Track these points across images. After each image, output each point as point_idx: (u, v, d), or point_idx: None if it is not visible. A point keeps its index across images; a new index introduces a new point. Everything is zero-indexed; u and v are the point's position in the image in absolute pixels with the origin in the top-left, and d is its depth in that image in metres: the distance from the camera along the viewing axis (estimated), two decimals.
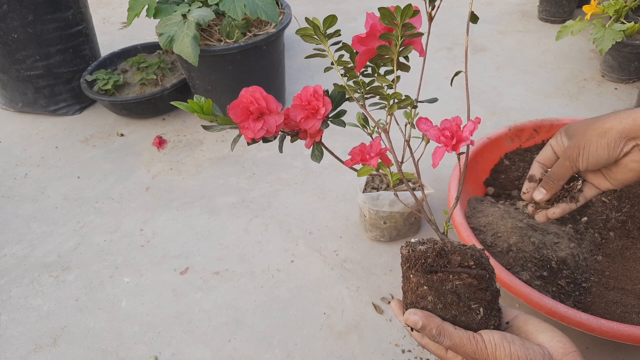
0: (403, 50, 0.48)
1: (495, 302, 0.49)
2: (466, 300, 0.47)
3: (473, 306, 0.47)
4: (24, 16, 1.26)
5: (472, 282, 0.47)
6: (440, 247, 0.48)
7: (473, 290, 0.47)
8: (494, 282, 0.49)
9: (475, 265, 0.47)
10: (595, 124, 0.53)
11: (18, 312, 0.89)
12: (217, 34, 1.20)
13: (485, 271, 0.48)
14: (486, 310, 0.48)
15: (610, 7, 1.32)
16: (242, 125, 0.53)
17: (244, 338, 0.81)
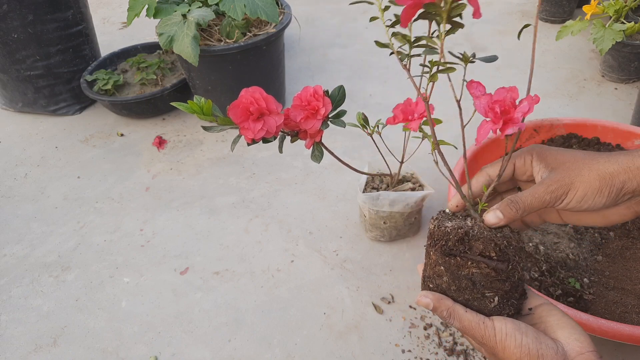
0: (455, 7, 0.41)
1: (515, 291, 0.47)
2: (481, 287, 0.46)
3: (487, 294, 0.47)
4: (24, 16, 1.26)
5: (490, 273, 0.46)
6: (464, 232, 0.46)
7: (490, 280, 0.46)
8: (517, 272, 0.46)
9: (497, 257, 0.46)
10: (593, 163, 0.45)
11: (18, 312, 0.89)
12: (217, 34, 1.20)
13: (508, 263, 0.45)
14: (502, 299, 0.47)
15: (610, 7, 1.31)
16: (242, 126, 0.53)
17: (244, 338, 0.81)
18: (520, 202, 0.46)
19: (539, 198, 0.46)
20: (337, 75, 1.50)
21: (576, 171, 0.45)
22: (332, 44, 1.67)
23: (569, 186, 0.45)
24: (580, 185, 0.45)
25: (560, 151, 0.48)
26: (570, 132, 1.01)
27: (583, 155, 0.46)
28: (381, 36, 1.70)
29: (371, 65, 1.54)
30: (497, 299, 0.47)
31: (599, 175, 0.44)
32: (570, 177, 0.45)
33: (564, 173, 0.46)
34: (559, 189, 0.45)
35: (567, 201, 0.46)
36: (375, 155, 0.89)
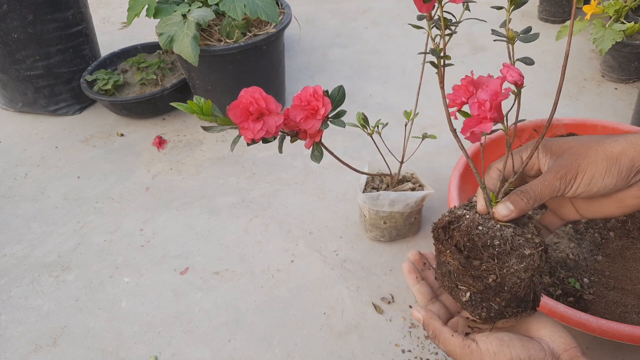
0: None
1: (496, 295, 0.45)
2: (454, 278, 0.46)
3: (460, 287, 0.46)
4: (24, 16, 1.26)
5: (459, 266, 0.45)
6: (447, 221, 0.46)
7: (460, 273, 0.45)
8: (494, 275, 0.44)
9: (468, 252, 0.44)
10: (600, 145, 0.44)
11: (18, 312, 0.89)
12: (217, 34, 1.20)
13: (480, 261, 0.44)
14: (474, 296, 0.45)
15: (610, 7, 1.31)
16: (242, 126, 0.53)
17: (244, 338, 0.81)
18: (530, 192, 0.44)
19: (548, 185, 0.44)
20: (337, 75, 1.50)
21: (582, 155, 0.44)
22: (332, 44, 1.67)
23: (577, 170, 0.44)
24: (587, 167, 0.43)
25: (564, 139, 0.47)
26: (570, 132, 1.01)
27: (589, 139, 0.45)
28: (381, 36, 1.70)
29: (371, 65, 1.54)
30: (468, 294, 0.46)
31: (605, 156, 0.43)
32: (577, 160, 0.44)
33: (570, 158, 0.44)
34: (567, 174, 0.44)
35: (577, 185, 0.44)
36: (375, 155, 0.89)
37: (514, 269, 0.43)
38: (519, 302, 0.45)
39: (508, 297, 0.44)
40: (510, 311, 0.46)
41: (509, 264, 0.43)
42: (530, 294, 0.45)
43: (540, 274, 0.45)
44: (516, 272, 0.44)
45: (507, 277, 0.44)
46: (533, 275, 0.44)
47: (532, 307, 0.46)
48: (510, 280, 0.44)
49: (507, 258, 0.43)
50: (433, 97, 1.34)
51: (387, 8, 1.89)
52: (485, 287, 0.45)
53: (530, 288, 0.45)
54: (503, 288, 0.44)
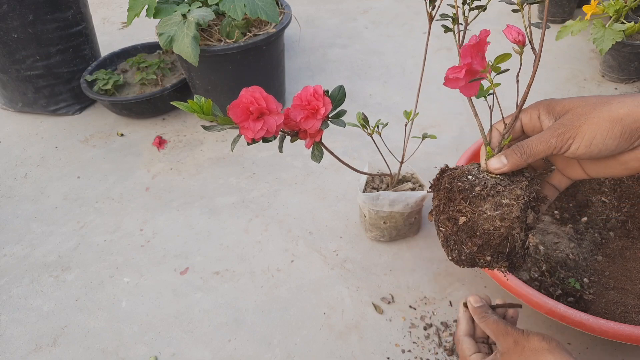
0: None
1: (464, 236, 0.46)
2: (436, 220, 0.50)
3: (440, 228, 0.49)
4: (24, 16, 1.26)
5: (437, 207, 0.48)
6: (444, 169, 0.50)
7: (439, 213, 0.48)
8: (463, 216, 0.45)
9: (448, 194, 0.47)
10: (604, 105, 0.42)
11: (18, 312, 0.89)
12: (217, 34, 1.20)
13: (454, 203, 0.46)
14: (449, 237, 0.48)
15: (610, 7, 1.31)
16: (242, 126, 0.53)
17: (244, 338, 0.81)
18: (525, 147, 0.44)
19: (545, 142, 0.43)
20: (337, 75, 1.50)
21: (585, 115, 0.42)
22: (332, 44, 1.67)
23: (577, 129, 0.42)
24: (588, 128, 0.42)
25: (569, 99, 0.45)
26: None
27: (595, 99, 0.43)
28: (381, 36, 1.70)
29: (371, 65, 1.54)
30: (442, 235, 0.49)
31: (609, 117, 0.41)
32: (579, 120, 0.42)
33: (572, 117, 0.43)
34: (566, 133, 0.42)
35: (576, 146, 0.43)
36: (375, 155, 0.89)
37: (486, 214, 0.44)
38: (492, 252, 0.45)
39: (479, 242, 0.45)
40: (483, 259, 0.46)
41: (482, 209, 0.44)
42: (507, 247, 0.45)
43: (522, 229, 0.45)
44: (489, 219, 0.44)
45: (479, 221, 0.44)
46: (511, 227, 0.44)
47: (507, 262, 0.46)
48: (482, 226, 0.44)
49: (482, 203, 0.44)
50: (433, 98, 1.34)
51: (387, 8, 1.90)
52: (458, 229, 0.46)
53: (507, 240, 0.44)
54: (475, 232, 0.45)
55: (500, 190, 0.44)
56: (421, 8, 1.81)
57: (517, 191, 0.44)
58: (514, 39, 0.44)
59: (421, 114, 1.15)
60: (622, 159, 0.45)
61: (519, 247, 0.46)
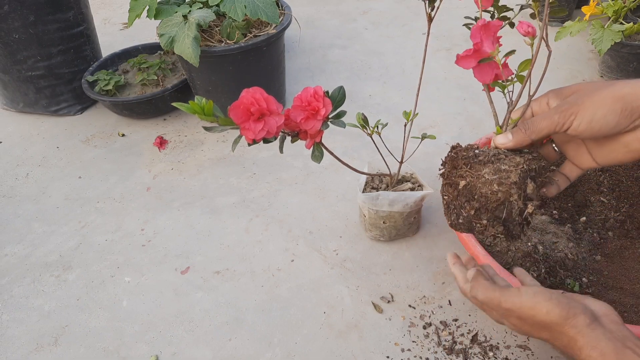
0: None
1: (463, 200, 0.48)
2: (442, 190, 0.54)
3: (444, 196, 0.52)
4: (25, 17, 1.27)
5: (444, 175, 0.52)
6: (455, 145, 0.52)
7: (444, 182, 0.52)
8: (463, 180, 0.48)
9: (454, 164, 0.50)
10: (609, 86, 0.44)
11: (19, 311, 0.89)
12: (218, 34, 1.20)
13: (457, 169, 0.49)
14: (450, 203, 0.51)
15: (609, 7, 1.32)
16: (243, 126, 0.53)
17: (245, 337, 0.81)
18: (530, 123, 0.46)
19: (548, 118, 0.45)
20: (337, 75, 1.51)
21: (589, 94, 0.44)
22: (332, 44, 1.68)
23: (579, 106, 0.44)
24: (591, 105, 0.43)
25: (577, 83, 0.47)
26: None
27: (602, 83, 0.45)
28: (380, 37, 1.70)
29: (371, 66, 1.54)
30: (444, 201, 0.51)
31: (612, 95, 0.43)
32: (582, 98, 0.44)
33: (577, 97, 0.45)
34: (569, 109, 0.44)
35: (578, 122, 0.44)
36: (375, 156, 0.89)
37: (485, 178, 0.46)
38: (489, 216, 0.47)
39: (477, 206, 0.47)
40: (479, 222, 0.47)
41: (481, 172, 0.46)
42: (503, 212, 0.46)
43: (520, 196, 0.46)
44: (487, 182, 0.46)
45: (477, 185, 0.46)
46: (509, 193, 0.45)
47: (503, 227, 0.47)
48: (480, 189, 0.46)
49: (482, 168, 0.46)
50: (432, 98, 1.35)
51: (386, 9, 1.90)
52: (458, 193, 0.48)
53: (504, 205, 0.46)
54: (473, 196, 0.47)
55: (502, 158, 0.46)
56: (420, 9, 1.82)
57: (517, 159, 0.46)
58: (525, 32, 0.47)
59: (421, 115, 1.15)
60: (623, 140, 0.46)
61: (516, 214, 0.47)
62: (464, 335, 0.78)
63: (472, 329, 0.79)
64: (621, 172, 0.94)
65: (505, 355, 0.75)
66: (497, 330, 0.79)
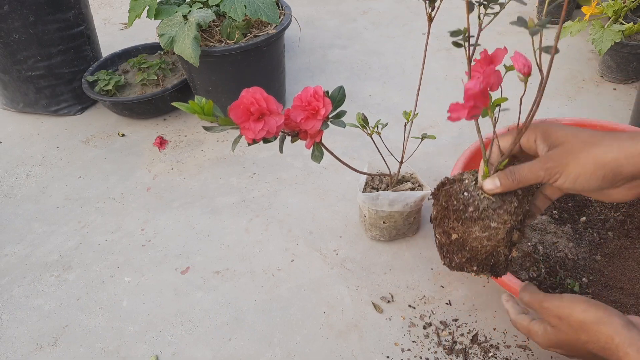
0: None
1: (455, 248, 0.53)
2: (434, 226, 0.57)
3: (436, 234, 0.56)
4: (25, 17, 1.27)
5: (435, 218, 0.55)
6: (444, 182, 0.55)
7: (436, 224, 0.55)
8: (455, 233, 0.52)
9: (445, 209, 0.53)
10: (592, 147, 0.45)
11: (19, 311, 0.89)
12: (218, 34, 1.20)
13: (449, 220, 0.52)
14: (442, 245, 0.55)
15: (609, 7, 1.32)
16: (243, 126, 0.53)
17: (245, 337, 0.81)
18: (517, 173, 0.48)
19: (534, 172, 0.47)
20: (336, 75, 1.51)
21: (574, 154, 0.45)
22: (332, 44, 1.68)
23: (564, 167, 0.45)
24: (574, 167, 0.45)
25: (563, 130, 0.48)
26: None
27: (586, 136, 0.46)
28: (380, 37, 1.71)
29: (371, 66, 1.54)
30: (436, 242, 0.56)
31: (595, 161, 0.44)
32: (567, 158, 0.45)
33: (562, 153, 0.46)
34: (554, 168, 0.46)
35: (562, 181, 0.46)
36: (375, 156, 0.89)
37: (475, 235, 0.50)
38: (478, 264, 0.52)
39: (468, 255, 0.52)
40: (469, 268, 0.53)
41: (472, 229, 0.50)
42: (491, 260, 0.52)
43: (506, 246, 0.51)
44: (478, 238, 0.50)
45: (469, 239, 0.51)
46: (497, 246, 0.50)
47: (491, 272, 0.53)
48: (471, 243, 0.51)
49: (472, 224, 0.50)
50: (432, 98, 1.35)
51: (386, 9, 1.90)
52: (451, 242, 0.53)
53: (492, 255, 0.51)
54: (464, 247, 0.52)
55: (490, 215, 0.49)
56: (421, 9, 1.82)
57: (505, 216, 0.49)
58: (520, 69, 0.46)
59: (421, 115, 1.15)
60: (606, 192, 0.48)
61: (502, 261, 0.52)
62: (464, 335, 0.78)
63: (472, 329, 0.79)
64: None
65: (505, 355, 0.75)
66: (497, 330, 0.79)
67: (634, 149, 0.44)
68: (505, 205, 0.49)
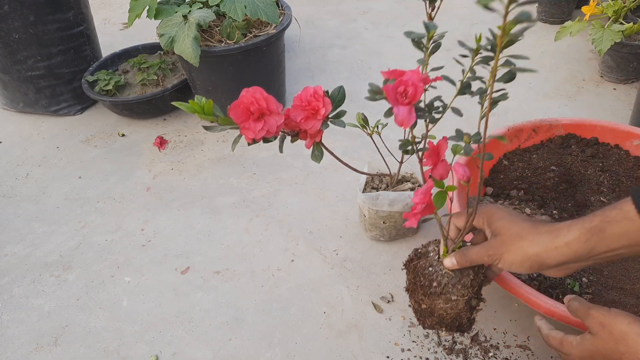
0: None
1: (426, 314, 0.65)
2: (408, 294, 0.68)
3: (410, 301, 0.68)
4: (25, 17, 1.27)
5: (408, 289, 0.68)
6: (411, 257, 0.68)
7: (409, 294, 0.68)
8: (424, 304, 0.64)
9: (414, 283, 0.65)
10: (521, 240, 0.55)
11: (19, 311, 0.89)
12: (218, 34, 1.20)
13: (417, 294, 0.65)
14: (416, 310, 0.67)
15: (609, 7, 1.32)
16: (243, 126, 0.53)
17: (245, 337, 0.81)
18: (468, 255, 0.59)
19: (480, 256, 0.59)
20: (336, 75, 1.51)
21: (507, 245, 0.56)
22: (332, 44, 1.68)
23: (501, 255, 0.57)
24: (508, 257, 0.56)
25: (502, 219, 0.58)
26: (569, 132, 1.01)
27: (517, 229, 0.56)
28: (380, 37, 1.71)
29: (371, 66, 1.54)
30: (411, 308, 0.69)
31: (522, 254, 0.55)
32: (502, 250, 0.57)
33: (499, 244, 0.57)
34: (494, 255, 0.57)
35: (501, 266, 0.58)
36: (375, 155, 0.89)
37: (440, 305, 0.62)
38: (445, 326, 0.65)
39: (437, 320, 0.64)
40: (439, 328, 0.66)
41: (437, 302, 0.62)
42: (456, 323, 0.64)
43: (467, 310, 0.63)
44: (443, 308, 0.62)
45: (435, 309, 0.63)
46: (459, 313, 0.62)
47: (457, 330, 0.65)
48: (438, 312, 0.63)
49: (437, 298, 0.62)
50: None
51: (386, 9, 1.90)
52: (422, 310, 0.65)
53: (456, 319, 0.63)
54: (433, 314, 0.64)
55: (450, 290, 0.61)
56: (421, 9, 1.82)
57: (463, 290, 0.61)
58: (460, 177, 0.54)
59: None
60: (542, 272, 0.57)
61: (465, 322, 0.64)
62: (464, 335, 0.78)
63: (472, 329, 0.79)
64: (621, 172, 0.94)
65: (505, 355, 0.75)
66: (497, 330, 0.79)
67: (552, 244, 0.52)
68: (463, 279, 0.61)
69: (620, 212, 0.48)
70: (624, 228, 0.48)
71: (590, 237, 0.50)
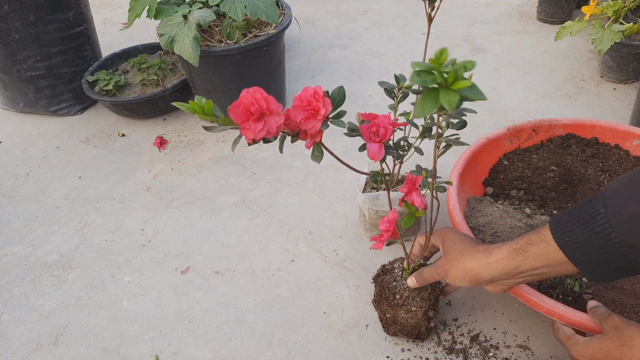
0: None
1: (390, 323, 0.76)
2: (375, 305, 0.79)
3: (376, 311, 0.79)
4: (25, 17, 1.27)
5: (374, 301, 0.78)
6: (377, 273, 0.77)
7: (376, 305, 0.78)
8: (388, 314, 0.74)
9: (380, 295, 0.75)
10: (461, 257, 0.63)
11: (19, 311, 0.89)
12: (218, 34, 1.20)
13: (382, 305, 0.75)
14: (382, 319, 0.78)
15: (609, 7, 1.32)
16: (243, 126, 0.53)
17: (245, 337, 0.82)
18: (422, 275, 0.68)
19: (432, 274, 0.67)
20: (336, 75, 1.51)
21: (451, 262, 0.64)
22: (332, 44, 1.68)
23: (447, 271, 0.64)
24: (452, 272, 0.64)
25: (451, 240, 0.67)
26: (569, 132, 1.01)
27: (460, 248, 0.64)
28: (380, 37, 1.71)
29: (370, 66, 1.54)
30: (377, 317, 0.80)
31: (462, 269, 0.62)
32: (447, 266, 0.64)
33: (446, 261, 0.65)
34: (441, 272, 0.65)
35: (448, 281, 0.65)
36: None
37: (402, 315, 0.72)
38: (406, 333, 0.75)
39: (399, 327, 0.75)
40: (401, 335, 0.76)
41: (399, 312, 0.72)
42: (416, 330, 0.74)
43: (426, 319, 0.73)
44: (404, 318, 0.72)
45: (398, 318, 0.73)
46: (418, 322, 0.73)
47: (417, 337, 0.76)
48: (400, 320, 0.73)
49: (399, 309, 0.71)
50: None
51: (386, 9, 1.90)
52: (386, 318, 0.75)
53: (416, 328, 0.74)
54: (396, 322, 0.74)
55: (410, 302, 0.71)
56: (420, 9, 1.82)
57: (421, 303, 0.71)
58: (419, 206, 0.63)
59: None
60: (483, 287, 0.64)
61: (424, 330, 0.75)
62: (464, 335, 0.78)
63: (472, 329, 0.79)
64: (621, 172, 0.94)
65: (505, 355, 0.75)
66: (497, 330, 0.79)
67: (485, 260, 0.60)
68: (422, 292, 0.71)
69: (540, 236, 0.55)
70: (542, 250, 0.55)
71: (516, 256, 0.57)
